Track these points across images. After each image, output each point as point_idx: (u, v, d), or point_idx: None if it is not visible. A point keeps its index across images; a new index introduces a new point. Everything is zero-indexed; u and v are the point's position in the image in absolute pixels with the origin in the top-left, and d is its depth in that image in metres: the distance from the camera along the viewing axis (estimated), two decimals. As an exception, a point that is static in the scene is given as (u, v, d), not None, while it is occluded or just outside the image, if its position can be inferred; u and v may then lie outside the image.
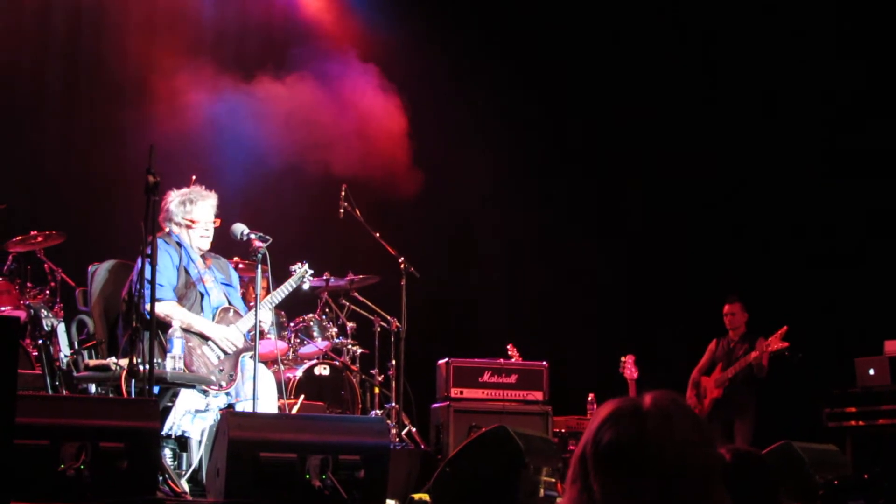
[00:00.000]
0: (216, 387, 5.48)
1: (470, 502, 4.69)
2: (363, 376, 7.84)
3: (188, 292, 5.71)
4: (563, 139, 10.09)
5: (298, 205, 9.05)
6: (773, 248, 9.50)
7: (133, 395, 4.96)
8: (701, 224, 9.62)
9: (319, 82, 9.22)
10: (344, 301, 8.15)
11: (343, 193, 7.91)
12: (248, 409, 5.40)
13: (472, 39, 10.01)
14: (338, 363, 7.74)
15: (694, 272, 9.47)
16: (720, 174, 9.66)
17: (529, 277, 10.15)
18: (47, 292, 7.52)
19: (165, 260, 5.63)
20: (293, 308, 7.70)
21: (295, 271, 6.07)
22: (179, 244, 5.79)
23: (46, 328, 6.21)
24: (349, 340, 7.93)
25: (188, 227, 5.81)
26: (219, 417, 5.16)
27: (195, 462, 5.32)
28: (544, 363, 7.96)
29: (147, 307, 5.06)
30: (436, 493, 4.85)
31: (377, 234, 8.00)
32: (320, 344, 7.79)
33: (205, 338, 5.59)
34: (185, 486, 5.08)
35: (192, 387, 5.40)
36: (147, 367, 4.93)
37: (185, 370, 5.40)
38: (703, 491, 1.80)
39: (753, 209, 9.65)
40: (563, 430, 8.03)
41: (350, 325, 8.01)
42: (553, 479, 4.85)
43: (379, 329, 7.99)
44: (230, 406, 5.53)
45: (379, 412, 7.62)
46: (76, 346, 5.61)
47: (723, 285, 8.70)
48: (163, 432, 5.08)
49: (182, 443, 5.36)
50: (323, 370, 7.65)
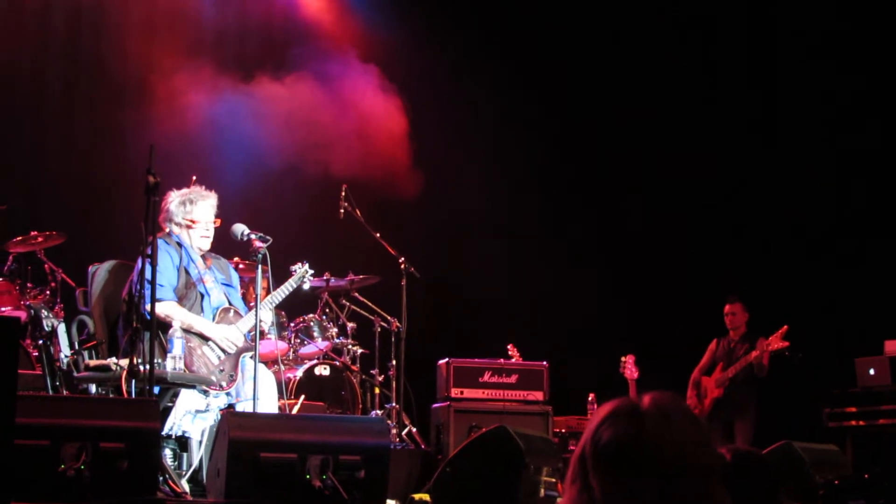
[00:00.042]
0: (216, 387, 5.48)
1: (470, 502, 4.69)
2: (363, 376, 7.84)
3: (188, 293, 5.71)
4: (563, 139, 10.09)
5: (298, 205, 9.05)
6: (773, 248, 9.50)
7: (133, 396, 4.96)
8: (701, 224, 9.62)
9: (319, 82, 9.22)
10: (344, 301, 8.15)
11: (343, 194, 7.91)
12: (249, 409, 5.40)
13: (472, 39, 10.01)
14: (338, 363, 7.74)
15: (694, 272, 9.46)
16: (720, 174, 9.66)
17: (529, 277, 10.14)
18: (47, 293, 7.51)
19: (166, 260, 5.63)
20: (293, 308, 7.70)
21: (295, 271, 6.07)
22: (180, 244, 5.79)
23: (47, 328, 6.22)
24: (349, 340, 7.93)
25: (188, 227, 5.81)
26: (219, 418, 5.16)
27: (195, 462, 5.32)
28: (544, 363, 7.96)
29: (147, 307, 5.06)
30: (436, 494, 4.85)
31: (377, 235, 8.00)
32: (321, 344, 7.79)
33: (205, 338, 5.59)
34: (186, 487, 5.08)
35: (193, 387, 5.40)
36: (147, 367, 4.93)
37: (185, 370, 5.40)
38: (702, 491, 1.80)
39: (753, 209, 9.65)
40: (563, 431, 8.03)
41: (350, 325, 8.01)
42: (553, 479, 4.85)
43: (379, 329, 7.99)
44: (230, 406, 5.53)
45: (379, 412, 7.62)
46: (76, 347, 5.61)
47: (723, 285, 8.70)
48: (163, 432, 5.08)
49: (182, 443, 5.36)
50: (323, 370, 7.65)
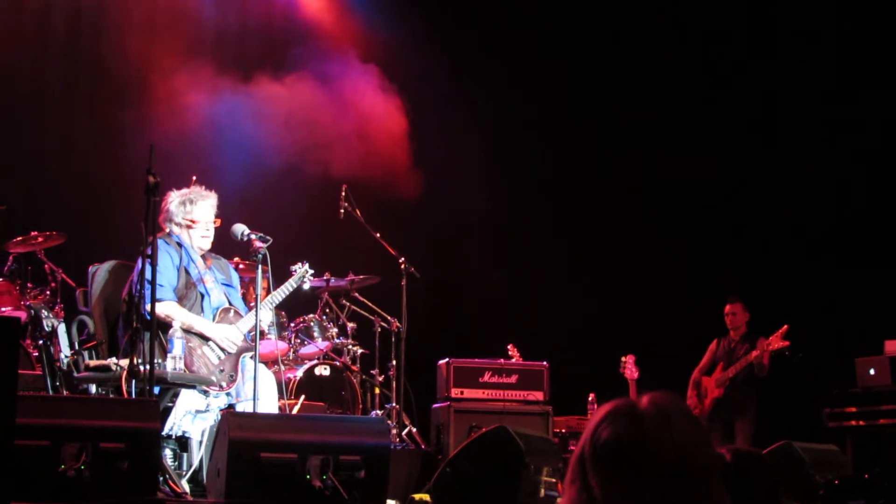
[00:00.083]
0: (217, 387, 5.48)
1: (470, 502, 4.69)
2: (364, 376, 7.84)
3: (188, 293, 5.71)
4: (564, 139, 10.09)
5: (298, 205, 9.05)
6: (773, 248, 9.50)
7: (133, 396, 4.96)
8: (701, 224, 9.62)
9: (319, 82, 9.22)
10: (344, 301, 8.15)
11: (343, 194, 7.91)
12: (249, 409, 5.40)
13: (472, 39, 10.01)
14: (338, 363, 7.74)
15: (694, 272, 9.46)
16: (720, 174, 9.66)
17: (529, 277, 10.14)
18: (48, 293, 7.51)
19: (166, 260, 5.63)
20: (294, 308, 7.70)
21: (295, 271, 6.07)
22: (180, 244, 5.79)
23: (47, 329, 6.22)
24: (349, 341, 7.93)
25: (188, 227, 5.81)
26: (219, 418, 5.16)
27: (196, 462, 5.32)
28: (545, 363, 7.95)
29: (147, 307, 5.06)
30: (436, 494, 4.85)
31: (377, 235, 8.00)
32: (321, 344, 7.79)
33: (205, 338, 5.59)
34: (186, 487, 5.08)
35: (193, 387, 5.40)
36: (147, 367, 4.93)
37: (185, 370, 5.40)
38: (702, 491, 1.80)
39: (753, 209, 9.65)
40: (563, 431, 8.03)
41: (350, 325, 8.01)
42: (553, 480, 4.85)
43: (379, 329, 7.99)
44: (231, 406, 5.53)
45: (379, 412, 7.62)
46: (77, 347, 5.61)
47: (723, 285, 8.70)
48: (163, 433, 5.08)
49: (182, 443, 5.36)
50: (323, 370, 7.65)
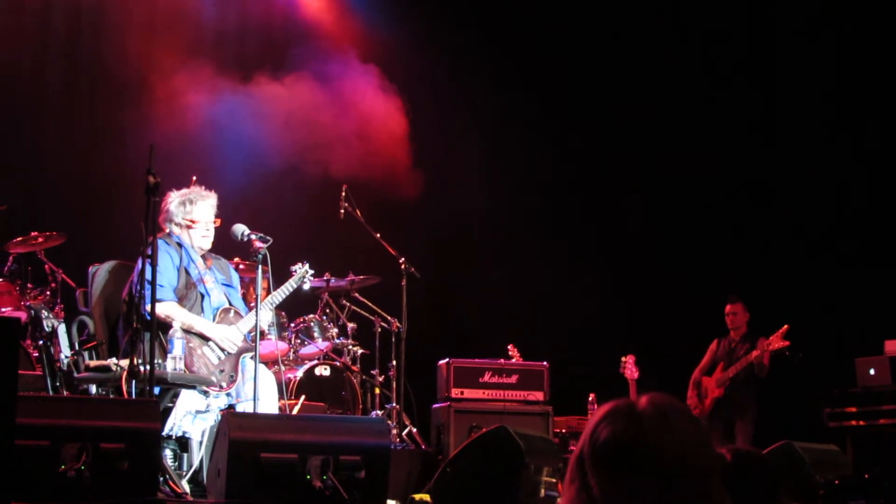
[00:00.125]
0: (217, 387, 5.48)
1: (471, 502, 4.69)
2: (364, 377, 7.83)
3: (189, 293, 5.71)
4: (564, 139, 10.09)
5: (298, 205, 9.05)
6: (773, 248, 9.49)
7: (134, 396, 4.96)
8: (701, 224, 9.62)
9: (319, 83, 9.22)
10: (344, 301, 8.15)
11: (343, 194, 7.91)
12: (249, 409, 5.40)
13: (472, 39, 10.01)
14: (338, 364, 7.74)
15: (694, 272, 9.46)
16: (720, 174, 9.66)
17: (529, 277, 10.14)
18: (48, 293, 7.51)
19: (166, 261, 5.63)
20: (294, 308, 7.70)
21: (295, 272, 6.07)
22: (180, 245, 5.79)
23: (47, 329, 6.22)
24: (350, 341, 7.93)
25: (188, 227, 5.81)
26: (219, 418, 5.16)
27: (196, 463, 5.32)
28: (545, 363, 7.96)
29: (147, 308, 5.06)
30: (436, 494, 4.85)
31: (378, 235, 8.00)
32: (321, 344, 7.79)
33: (205, 338, 5.59)
34: (186, 487, 5.08)
35: (193, 387, 5.40)
36: (148, 367, 4.93)
37: (185, 371, 5.40)
38: (702, 491, 1.80)
39: (753, 209, 9.65)
40: (563, 431, 8.03)
41: (351, 325, 8.00)
42: (554, 480, 4.85)
43: (379, 329, 7.99)
44: (231, 407, 5.53)
45: (380, 412, 7.62)
46: (77, 347, 5.61)
47: (723, 285, 8.69)
48: (163, 433, 5.08)
49: (183, 443, 5.36)
50: (324, 371, 7.64)
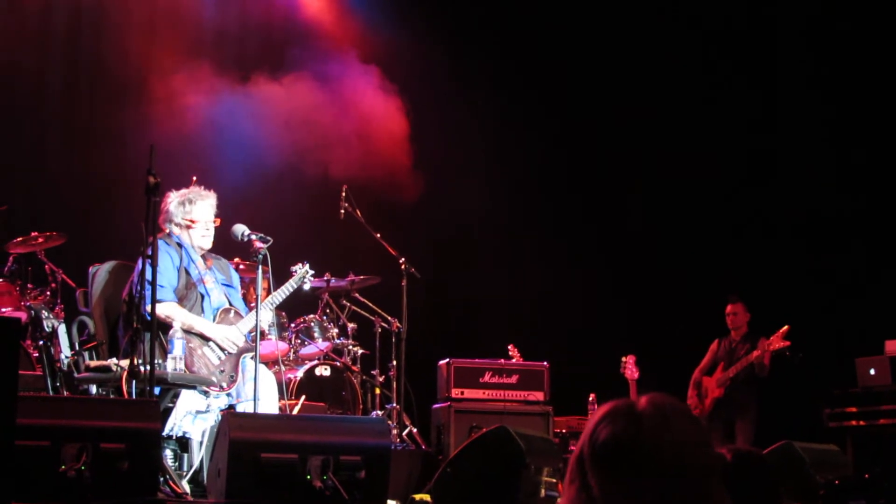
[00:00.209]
0: (217, 388, 5.48)
1: (471, 503, 4.69)
2: (364, 377, 7.83)
3: (189, 293, 5.71)
4: (563, 139, 10.09)
5: (298, 205, 9.04)
6: (774, 248, 9.49)
7: (134, 396, 4.96)
8: (701, 224, 9.62)
9: (320, 83, 9.22)
10: (345, 302, 8.14)
11: (344, 194, 7.91)
12: (249, 409, 5.40)
13: (472, 39, 10.01)
14: (339, 364, 7.74)
15: (694, 272, 9.46)
16: (720, 174, 9.66)
17: (529, 277, 10.14)
18: (48, 293, 7.51)
19: (166, 261, 5.63)
20: (294, 309, 7.70)
21: (296, 272, 6.07)
22: (180, 245, 5.79)
23: (47, 329, 6.22)
24: (350, 341, 7.93)
25: (188, 227, 5.81)
26: (220, 418, 5.16)
27: (196, 463, 5.32)
28: (545, 363, 7.95)
29: (148, 308, 5.06)
30: (437, 494, 4.85)
31: (378, 235, 8.00)
32: (321, 345, 7.79)
33: (206, 339, 5.59)
34: (186, 487, 5.08)
35: (193, 388, 5.40)
36: (148, 367, 4.93)
37: (185, 371, 5.40)
38: (702, 491, 1.80)
39: (753, 209, 9.65)
40: (564, 431, 8.03)
41: (351, 325, 8.00)
42: (554, 480, 4.85)
43: (380, 330, 7.99)
44: (231, 407, 5.53)
45: (380, 413, 7.62)
46: (77, 347, 5.61)
47: (723, 285, 8.69)
48: (164, 433, 5.08)
49: (183, 444, 5.36)
50: (324, 371, 7.64)
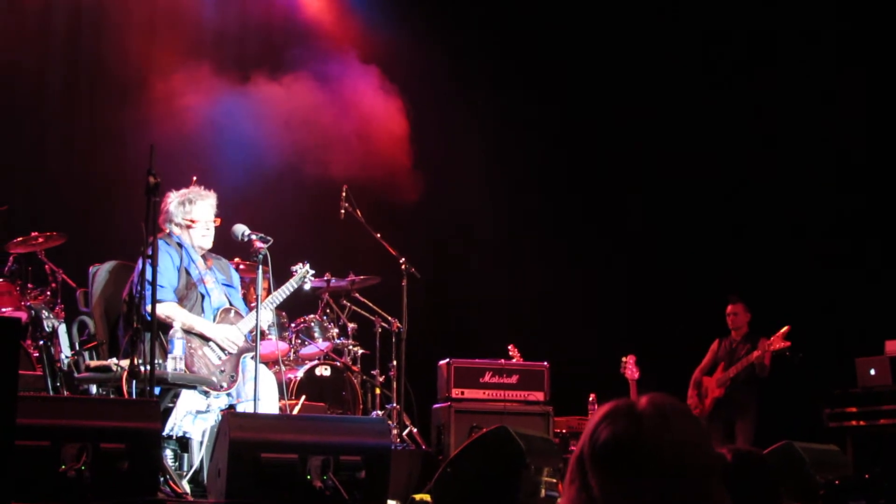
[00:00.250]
0: (217, 388, 5.48)
1: (471, 503, 4.69)
2: (364, 377, 7.83)
3: (189, 293, 5.71)
4: (564, 139, 10.09)
5: (298, 205, 9.04)
6: (773, 248, 9.49)
7: (134, 396, 4.96)
8: (701, 224, 9.62)
9: (320, 83, 9.22)
10: (345, 302, 8.14)
11: (344, 194, 7.91)
12: (249, 409, 5.40)
13: (472, 39, 10.01)
14: (339, 364, 7.74)
15: (694, 272, 9.46)
16: (720, 174, 9.66)
17: (529, 277, 10.14)
18: (48, 293, 7.51)
19: (166, 261, 5.64)
20: (294, 309, 7.70)
21: (296, 272, 6.07)
22: (180, 245, 5.79)
23: (47, 329, 6.23)
24: (350, 341, 7.93)
25: (188, 227, 5.81)
26: (220, 418, 5.16)
27: (196, 463, 5.32)
28: (545, 363, 7.96)
29: (148, 308, 5.06)
30: (437, 494, 4.85)
31: (378, 235, 8.00)
32: (321, 345, 7.79)
33: (206, 339, 5.59)
34: (186, 487, 5.08)
35: (194, 388, 5.40)
36: (148, 367, 4.93)
37: (186, 371, 5.40)
38: (702, 491, 1.80)
39: (753, 209, 9.65)
40: (564, 431, 8.03)
41: (351, 325, 8.00)
42: (554, 480, 4.85)
43: (380, 330, 7.99)
44: (231, 407, 5.53)
45: (380, 413, 7.62)
46: (77, 347, 5.61)
47: (723, 285, 8.69)
48: (164, 433, 5.08)
49: (183, 443, 5.36)
50: (324, 371, 7.64)
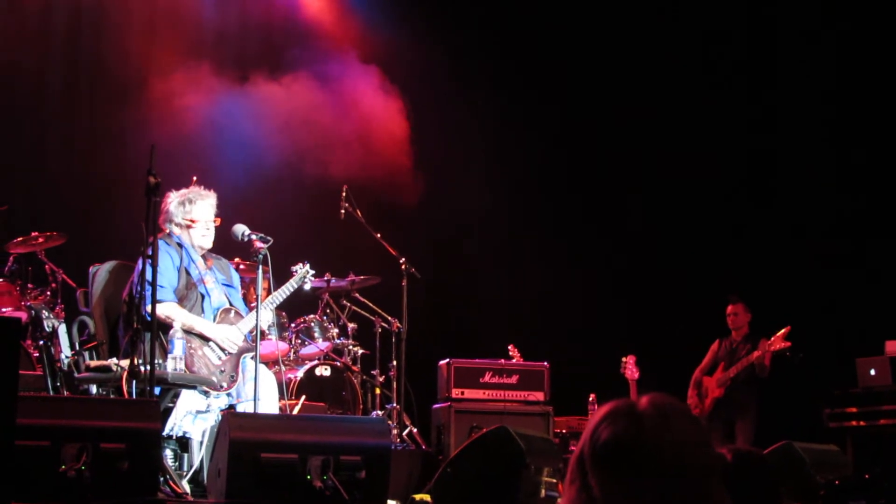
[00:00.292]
0: (217, 388, 5.48)
1: (471, 503, 4.69)
2: (364, 377, 7.83)
3: (189, 293, 5.71)
4: (564, 139, 10.09)
5: (298, 205, 9.04)
6: (773, 248, 9.49)
7: (134, 396, 4.96)
8: (701, 224, 9.62)
9: (320, 83, 9.22)
10: (345, 302, 8.14)
11: (344, 194, 7.91)
12: (249, 409, 5.40)
13: (472, 39, 10.01)
14: (339, 364, 7.74)
15: (694, 272, 9.46)
16: (720, 174, 9.66)
17: (529, 277, 10.14)
18: (48, 293, 7.51)
19: (166, 261, 5.64)
20: (294, 309, 7.70)
21: (296, 272, 6.07)
22: (180, 245, 5.79)
23: (47, 329, 6.23)
24: (350, 341, 7.93)
25: (188, 227, 5.81)
26: (220, 418, 5.16)
27: (196, 463, 5.32)
28: (545, 363, 7.96)
29: (148, 308, 5.06)
30: (437, 494, 4.85)
31: (378, 235, 8.00)
32: (321, 345, 7.79)
33: (206, 339, 5.59)
34: (186, 487, 5.08)
35: (194, 388, 5.40)
36: (148, 367, 4.93)
37: (186, 371, 5.40)
38: (702, 491, 1.80)
39: (753, 209, 9.65)
40: (564, 431, 8.03)
41: (351, 325, 8.00)
42: (554, 480, 4.86)
43: (380, 330, 7.99)
44: (231, 407, 5.53)
45: (380, 413, 7.62)
46: (77, 347, 5.62)
47: (723, 285, 8.69)
48: (164, 433, 5.08)
49: (183, 443, 5.36)
50: (324, 371, 7.64)
